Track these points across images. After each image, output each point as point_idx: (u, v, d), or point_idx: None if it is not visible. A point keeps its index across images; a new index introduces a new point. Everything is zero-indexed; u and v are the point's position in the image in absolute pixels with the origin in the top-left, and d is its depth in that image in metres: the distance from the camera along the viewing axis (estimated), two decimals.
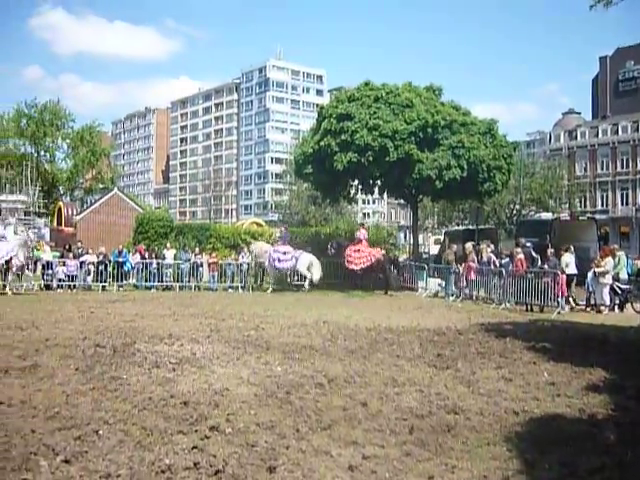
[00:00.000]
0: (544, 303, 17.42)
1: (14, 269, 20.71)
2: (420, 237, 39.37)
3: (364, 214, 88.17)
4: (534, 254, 19.56)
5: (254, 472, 4.73)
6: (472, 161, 23.38)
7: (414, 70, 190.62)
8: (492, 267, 19.93)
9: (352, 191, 28.50)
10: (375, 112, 23.74)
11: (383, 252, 24.29)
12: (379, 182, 27.18)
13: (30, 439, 5.36)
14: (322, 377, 7.86)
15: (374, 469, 4.83)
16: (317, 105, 42.57)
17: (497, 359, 9.46)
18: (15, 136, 71.62)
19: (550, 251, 18.98)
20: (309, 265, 22.98)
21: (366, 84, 25.93)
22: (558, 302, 17.02)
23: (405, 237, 62.95)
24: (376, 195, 33.02)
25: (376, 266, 23.62)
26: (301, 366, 8.60)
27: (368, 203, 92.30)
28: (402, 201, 39.59)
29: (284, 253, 22.98)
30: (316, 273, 23.08)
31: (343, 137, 23.45)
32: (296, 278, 24.40)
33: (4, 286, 21.14)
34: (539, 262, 19.19)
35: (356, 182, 27.41)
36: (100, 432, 5.55)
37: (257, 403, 6.62)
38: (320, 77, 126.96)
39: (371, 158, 23.19)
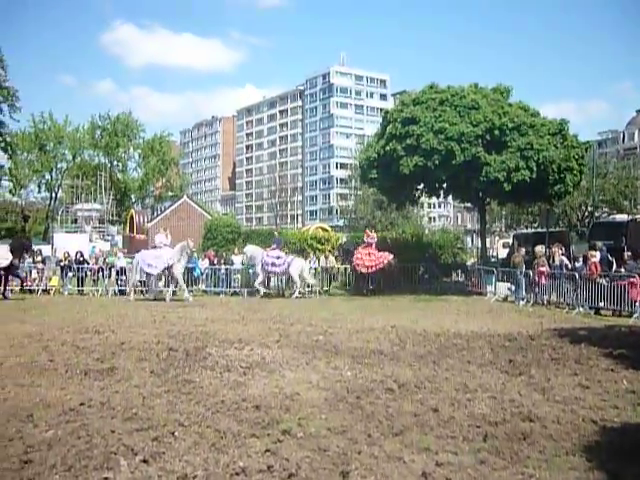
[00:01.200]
0: (620, 308, 16.80)
1: (175, 276, 21.06)
2: (487, 241, 38.63)
3: (430, 218, 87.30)
4: (610, 257, 18.91)
5: (327, 477, 4.74)
6: (542, 163, 22.79)
7: (480, 71, 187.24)
8: (564, 271, 19.37)
9: (417, 195, 28.30)
10: (441, 115, 23.46)
11: (392, 256, 24.02)
12: (445, 185, 26.89)
13: (110, 439, 5.52)
14: (392, 382, 7.81)
15: (448, 476, 4.75)
16: (381, 109, 42.52)
17: (572, 366, 9.17)
18: (90, 147, 74.49)
19: (627, 254, 18.31)
20: (301, 271, 22.66)
21: (431, 87, 25.68)
22: (636, 307, 16.36)
23: (472, 241, 61.98)
24: (442, 199, 32.65)
25: (387, 269, 23.42)
26: (371, 371, 8.57)
27: (434, 207, 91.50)
28: (469, 204, 38.98)
29: (277, 257, 22.51)
30: (308, 278, 22.93)
31: (408, 141, 23.27)
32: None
33: (79, 290, 21.91)
34: (614, 265, 18.55)
35: (422, 186, 27.18)
36: (176, 434, 5.68)
37: (328, 408, 6.63)
38: (384, 81, 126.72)
39: (437, 162, 22.91)
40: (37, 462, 4.94)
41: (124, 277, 23.61)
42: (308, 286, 23.50)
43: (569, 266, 19.59)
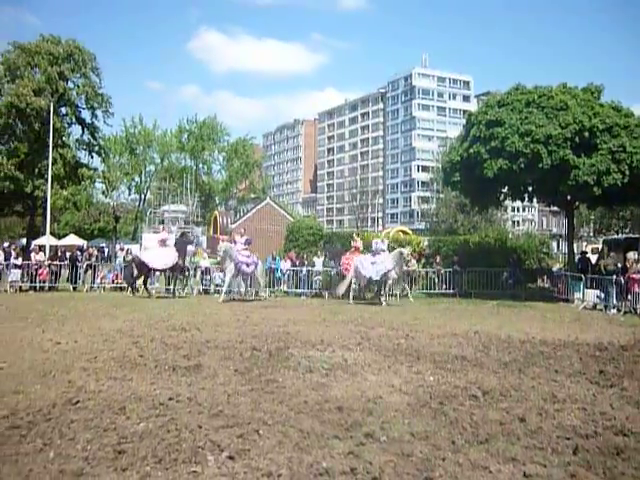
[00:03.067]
0: None
1: (390, 282, 21.20)
2: (575, 246, 37.32)
3: (513, 222, 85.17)
4: None
5: None
6: (635, 166, 21.82)
7: (570, 70, 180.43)
8: None
9: (501, 198, 27.68)
10: (527, 117, 22.91)
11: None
12: (531, 189, 26.19)
13: (197, 434, 5.67)
14: (476, 389, 7.65)
15: None
16: (464, 111, 41.89)
17: None
18: (177, 150, 76.99)
19: None
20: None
21: (516, 88, 25.12)
22: None
23: (558, 246, 60.03)
24: (527, 202, 31.78)
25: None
26: (454, 377, 8.43)
27: (518, 210, 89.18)
28: (555, 208, 37.75)
29: (248, 257, 21.52)
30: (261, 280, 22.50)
31: (493, 144, 22.84)
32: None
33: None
34: None
35: (506, 189, 26.56)
36: (260, 432, 5.77)
37: (410, 412, 6.58)
38: (467, 83, 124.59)
39: (523, 165, 22.38)
40: (130, 453, 5.14)
41: (208, 277, 24.28)
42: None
43: None
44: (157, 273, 23.79)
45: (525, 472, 4.89)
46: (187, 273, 23.43)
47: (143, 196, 79.25)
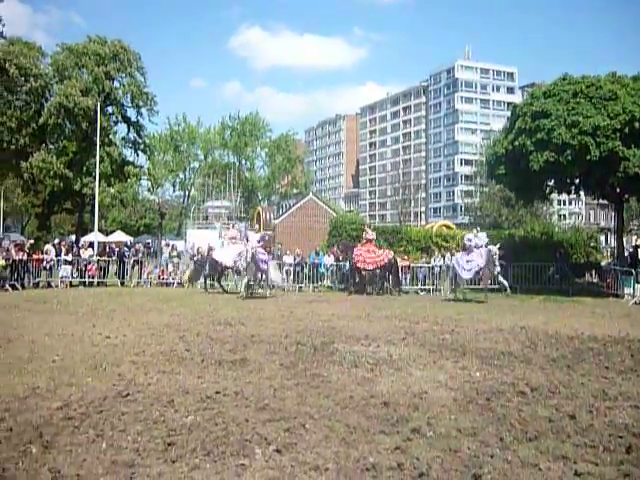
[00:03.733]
0: None
1: (483, 279, 21.41)
2: (624, 240, 36.36)
3: (560, 215, 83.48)
4: None
5: (458, 478, 4.66)
6: None
7: (620, 59, 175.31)
8: None
9: (547, 191, 27.15)
10: (574, 108, 22.39)
11: (393, 254, 23.27)
12: (578, 181, 25.62)
13: (244, 427, 5.73)
14: (524, 385, 7.55)
15: None
16: (508, 104, 41.25)
17: None
18: (220, 147, 77.90)
19: None
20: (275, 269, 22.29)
21: (563, 78, 24.56)
22: None
23: (606, 240, 58.71)
24: (573, 195, 31.11)
25: (388, 266, 22.74)
26: (500, 373, 8.33)
27: (564, 204, 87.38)
28: (603, 201, 36.84)
29: (262, 253, 20.96)
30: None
31: (539, 136, 22.42)
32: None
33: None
34: None
35: (552, 182, 26.04)
36: (307, 426, 5.80)
37: (457, 408, 6.52)
38: (511, 74, 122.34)
39: (570, 157, 21.90)
40: (179, 445, 5.23)
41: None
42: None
43: None
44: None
45: (576, 470, 4.80)
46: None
47: (187, 193, 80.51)
